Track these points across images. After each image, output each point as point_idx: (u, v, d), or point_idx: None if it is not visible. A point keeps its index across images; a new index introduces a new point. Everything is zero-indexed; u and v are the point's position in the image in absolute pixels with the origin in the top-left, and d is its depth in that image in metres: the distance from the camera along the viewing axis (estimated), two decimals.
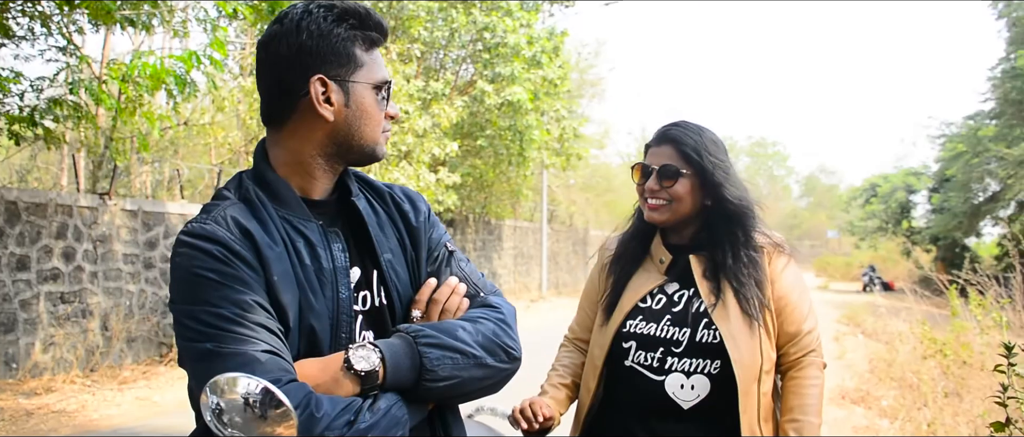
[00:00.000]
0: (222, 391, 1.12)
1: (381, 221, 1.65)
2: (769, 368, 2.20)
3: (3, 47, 8.85)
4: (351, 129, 1.52)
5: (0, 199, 8.14)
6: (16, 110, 8.18)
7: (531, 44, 16.98)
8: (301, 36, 1.47)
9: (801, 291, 2.28)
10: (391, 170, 14.34)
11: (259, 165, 1.55)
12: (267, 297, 1.38)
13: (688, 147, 2.25)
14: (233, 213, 1.44)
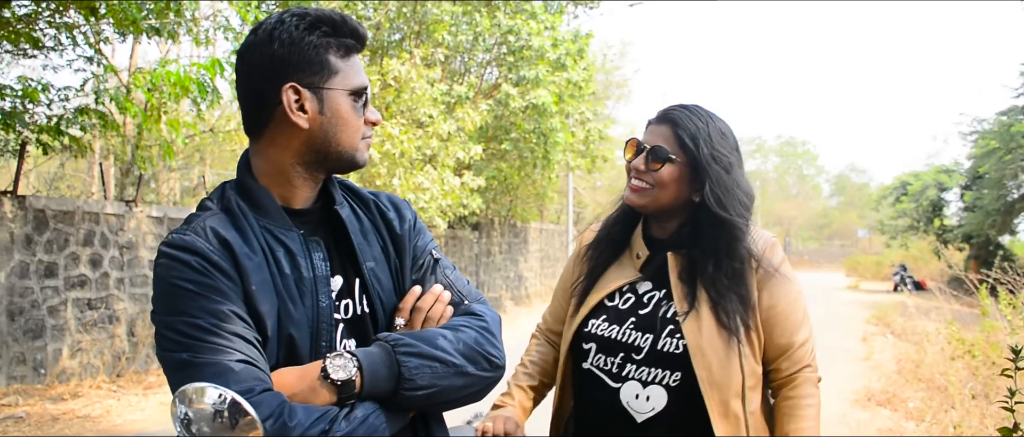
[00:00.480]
0: (190, 401, 1.13)
1: (365, 229, 1.65)
2: (754, 384, 2.01)
3: (32, 58, 9.00)
4: (328, 136, 1.51)
5: (28, 207, 8.27)
6: (44, 120, 8.31)
7: (555, 47, 16.96)
8: (273, 45, 1.47)
9: (793, 298, 2.06)
10: (415, 174, 14.39)
11: (241, 175, 1.56)
12: (245, 307, 1.39)
13: (686, 132, 2.04)
14: (213, 224, 1.45)
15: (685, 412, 1.99)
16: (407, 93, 14.92)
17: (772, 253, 2.08)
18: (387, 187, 14.05)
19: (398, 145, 13.87)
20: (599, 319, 2.11)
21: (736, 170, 2.06)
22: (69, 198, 9.27)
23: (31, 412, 7.32)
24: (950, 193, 34.85)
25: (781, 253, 2.10)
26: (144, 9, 7.73)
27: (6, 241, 8.03)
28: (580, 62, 17.75)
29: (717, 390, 1.95)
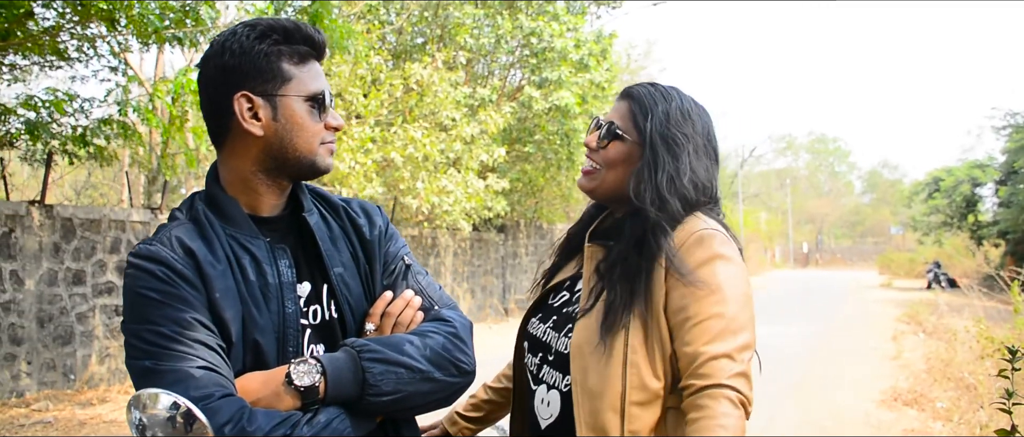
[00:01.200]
0: (144, 407, 1.15)
1: (334, 235, 1.66)
2: (644, 400, 1.69)
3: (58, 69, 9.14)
4: (284, 142, 1.53)
5: (56, 216, 8.40)
6: (69, 130, 8.44)
7: (578, 48, 16.94)
8: (224, 56, 1.50)
9: (711, 303, 1.68)
10: (439, 177, 14.44)
11: (209, 185, 1.59)
12: (209, 314, 1.41)
13: (641, 108, 1.86)
14: (178, 234, 1.48)
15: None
16: (429, 96, 14.97)
17: (695, 249, 1.73)
18: (411, 190, 14.11)
19: (421, 148, 13.92)
20: (536, 317, 1.97)
21: (688, 155, 1.84)
22: (96, 206, 9.40)
23: (59, 417, 7.43)
24: (984, 188, 34.35)
25: (713, 249, 1.73)
26: (165, 19, 7.82)
27: (35, 249, 8.16)
28: (603, 63, 17.71)
29: (588, 398, 1.72)
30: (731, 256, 1.75)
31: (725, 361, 1.63)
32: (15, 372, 7.90)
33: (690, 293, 1.69)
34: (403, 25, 17.18)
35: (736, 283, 1.72)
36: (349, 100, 14.12)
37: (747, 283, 1.76)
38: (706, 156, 1.89)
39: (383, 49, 16.33)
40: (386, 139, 14.29)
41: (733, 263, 1.74)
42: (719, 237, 1.76)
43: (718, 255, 1.73)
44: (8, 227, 7.85)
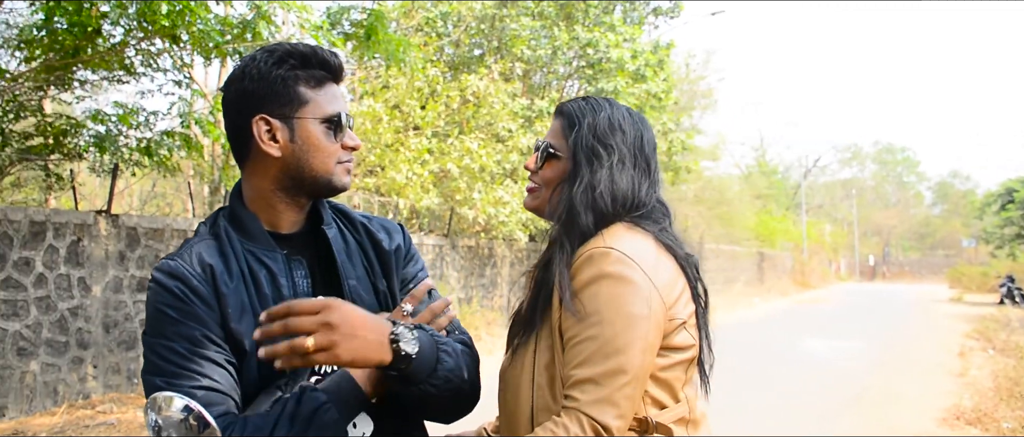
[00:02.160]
0: (160, 409, 1.23)
1: (350, 249, 1.74)
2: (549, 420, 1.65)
3: (125, 84, 9.46)
4: (301, 163, 1.60)
5: (121, 225, 8.68)
6: (135, 143, 8.73)
7: (634, 58, 16.92)
8: (244, 81, 1.59)
9: (588, 325, 1.63)
10: (495, 188, 14.53)
11: (233, 202, 1.68)
12: (222, 330, 1.51)
13: (571, 123, 1.84)
14: (199, 250, 1.58)
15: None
16: (486, 108, 15.09)
17: (583, 268, 1.68)
18: (467, 201, 14.22)
19: (478, 159, 14.04)
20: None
21: (610, 167, 1.78)
22: (159, 216, 9.69)
23: (122, 419, 7.67)
24: None
25: (600, 268, 1.66)
26: (226, 34, 8.05)
27: (101, 257, 8.44)
28: (660, 73, 17.64)
29: (507, 418, 1.77)
30: (620, 274, 1.65)
31: (589, 386, 1.59)
32: (82, 375, 8.18)
33: (573, 316, 1.65)
34: (460, 37, 17.35)
35: (618, 304, 1.63)
36: (406, 112, 14.32)
37: (641, 302, 1.64)
38: (633, 167, 1.81)
39: (440, 61, 16.53)
40: (443, 150, 14.45)
41: (621, 281, 1.64)
42: (612, 256, 1.67)
43: (604, 274, 1.65)
44: (77, 236, 8.15)
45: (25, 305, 7.60)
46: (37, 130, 9.20)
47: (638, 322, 1.62)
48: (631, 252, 1.68)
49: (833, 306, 26.69)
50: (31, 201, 11.37)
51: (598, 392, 1.58)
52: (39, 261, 7.75)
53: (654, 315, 1.65)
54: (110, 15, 7.59)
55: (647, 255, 1.70)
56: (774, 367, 11.77)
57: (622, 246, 1.69)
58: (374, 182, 13.97)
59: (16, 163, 9.22)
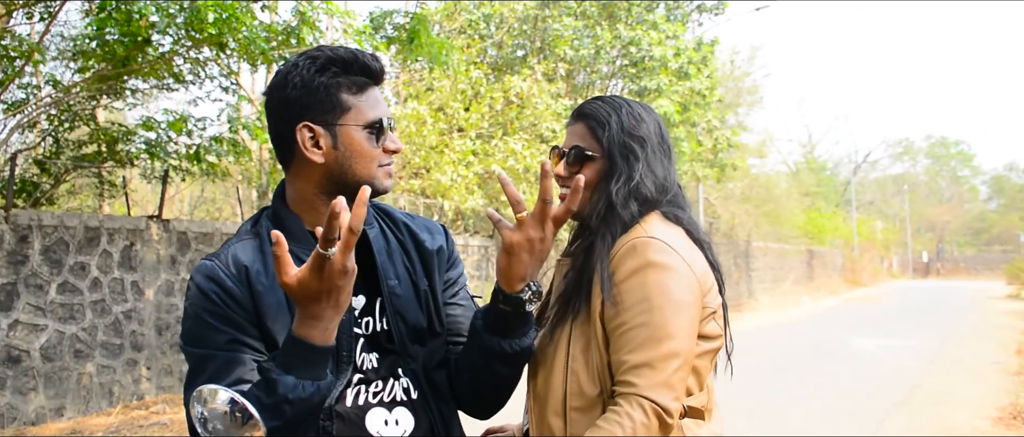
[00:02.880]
0: (205, 401, 1.27)
1: (391, 249, 1.76)
2: (584, 406, 1.76)
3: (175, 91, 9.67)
4: (343, 168, 1.62)
5: (172, 230, 8.87)
6: (184, 149, 8.92)
7: (677, 56, 16.81)
8: (287, 89, 1.60)
9: (638, 312, 1.70)
10: None
11: (276, 203, 1.71)
12: (256, 329, 1.56)
13: (598, 122, 1.89)
14: (236, 250, 1.62)
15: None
16: (529, 108, 15.11)
17: (627, 258, 1.75)
18: None
19: (522, 160, 14.06)
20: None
21: (645, 158, 1.86)
22: (208, 221, 9.87)
23: (174, 419, 7.83)
24: None
25: (645, 257, 1.74)
26: (271, 41, 8.19)
27: (153, 262, 8.63)
28: (704, 70, 17.51)
29: (537, 402, 1.82)
30: (665, 263, 1.73)
31: (645, 370, 1.65)
32: (136, 376, 8.37)
33: (621, 302, 1.72)
34: (503, 38, 17.40)
35: (666, 290, 1.71)
36: (450, 114, 14.40)
37: (685, 288, 1.73)
38: (662, 154, 1.90)
39: (483, 63, 16.58)
40: (487, 151, 14.50)
41: (666, 270, 1.72)
42: (655, 245, 1.75)
43: (649, 263, 1.72)
44: (129, 241, 8.34)
45: (81, 308, 7.81)
46: (91, 138, 9.45)
47: (685, 308, 1.71)
48: (671, 241, 1.76)
49: (885, 304, 26.24)
50: (86, 207, 11.66)
51: (655, 376, 1.65)
52: (94, 266, 7.94)
53: (696, 302, 1.74)
54: (159, 24, 7.77)
55: (684, 245, 1.79)
56: (824, 366, 11.63)
57: (662, 235, 1.77)
58: (419, 184, 14.06)
59: (71, 171, 9.47)
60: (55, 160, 9.23)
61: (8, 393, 7.12)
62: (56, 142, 9.45)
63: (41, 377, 7.38)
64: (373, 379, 1.67)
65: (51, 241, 7.56)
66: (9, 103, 9.11)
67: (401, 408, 1.68)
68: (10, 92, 8.88)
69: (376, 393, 1.67)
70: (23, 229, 7.32)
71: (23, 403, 7.23)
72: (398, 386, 1.69)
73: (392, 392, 1.68)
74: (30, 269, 7.37)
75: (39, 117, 9.15)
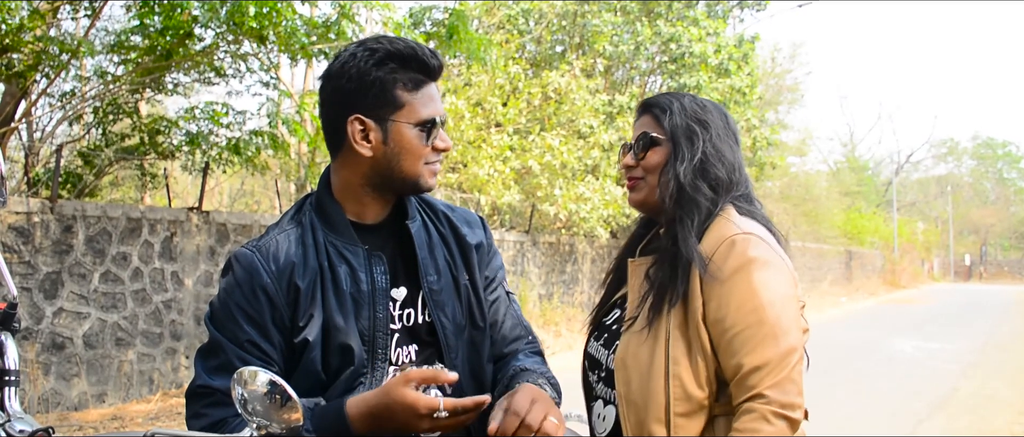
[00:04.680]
0: (245, 383, 1.29)
1: (432, 242, 1.76)
2: (689, 411, 1.71)
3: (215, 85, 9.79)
4: (391, 164, 1.63)
5: (212, 222, 8.99)
6: (224, 142, 9.03)
7: (718, 53, 16.68)
8: (342, 79, 1.60)
9: (749, 311, 1.67)
10: (576, 184, 14.52)
11: (320, 191, 1.72)
12: (285, 321, 1.60)
13: (662, 109, 1.89)
14: (280, 241, 1.65)
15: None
16: (567, 104, 15.09)
17: (727, 256, 1.72)
18: (548, 198, 14.25)
19: (559, 156, 14.05)
20: (594, 336, 2.01)
21: (710, 139, 1.85)
22: (247, 213, 9.98)
23: None
24: None
25: (745, 254, 1.71)
26: (311, 35, 8.26)
27: (193, 252, 8.75)
28: (744, 67, 17.36)
29: (634, 410, 1.76)
30: (766, 259, 1.72)
31: (768, 371, 1.63)
32: (175, 365, 8.50)
33: (728, 301, 1.69)
34: (542, 34, 17.38)
35: (773, 286, 1.70)
36: (488, 109, 14.43)
37: (788, 282, 1.73)
38: (727, 138, 1.88)
39: (522, 58, 16.58)
40: (524, 147, 14.51)
41: (769, 266, 1.71)
42: (752, 241, 1.73)
43: (751, 260, 1.70)
44: (170, 231, 8.47)
45: (123, 298, 7.94)
46: (133, 130, 9.60)
47: (791, 301, 1.72)
48: (763, 236, 1.77)
49: (924, 306, 25.84)
50: (128, 199, 11.85)
51: (779, 374, 1.63)
52: (135, 256, 8.08)
53: (796, 295, 1.75)
54: (201, 18, 7.87)
55: (771, 239, 1.80)
56: (862, 367, 11.50)
57: (754, 230, 1.77)
58: (456, 179, 14.11)
59: (114, 162, 9.63)
60: (99, 152, 9.40)
61: (52, 379, 7.27)
62: (104, 134, 9.61)
63: (83, 364, 7.53)
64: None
65: (94, 231, 7.70)
66: (56, 96, 9.29)
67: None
68: (56, 85, 9.06)
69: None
70: (67, 219, 7.47)
71: (66, 389, 7.37)
72: None
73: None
74: (74, 259, 7.51)
75: (84, 110, 9.31)
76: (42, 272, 7.23)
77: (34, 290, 7.16)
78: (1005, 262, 67.45)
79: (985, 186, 75.31)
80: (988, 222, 68.66)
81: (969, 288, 44.70)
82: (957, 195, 68.54)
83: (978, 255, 66.33)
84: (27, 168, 8.77)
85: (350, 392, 1.58)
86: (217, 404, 1.54)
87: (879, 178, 61.65)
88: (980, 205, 71.64)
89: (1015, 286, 46.19)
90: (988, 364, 12.42)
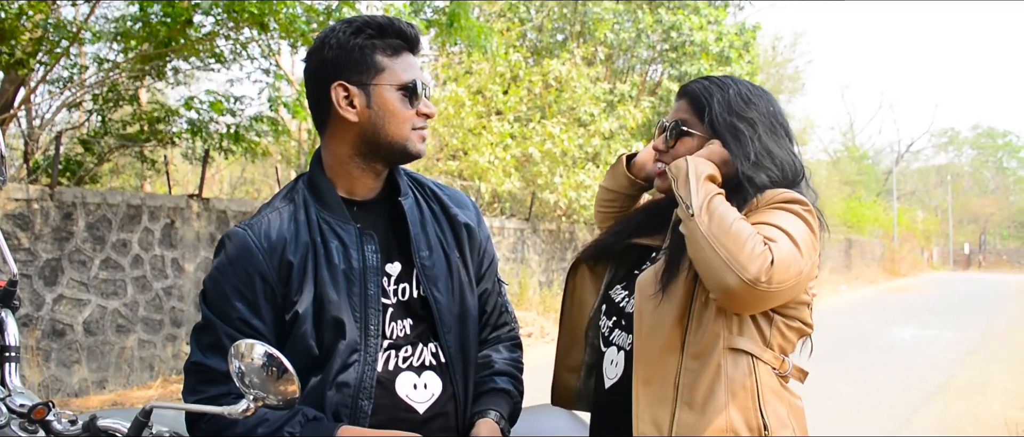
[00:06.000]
0: (243, 356, 1.31)
1: (425, 218, 1.81)
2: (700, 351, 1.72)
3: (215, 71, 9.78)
4: (376, 128, 1.67)
5: (212, 208, 8.99)
6: (225, 129, 9.03)
7: (719, 41, 16.66)
8: (324, 51, 1.67)
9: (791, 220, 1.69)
10: (577, 172, 14.53)
11: (312, 169, 1.76)
12: (277, 297, 1.63)
13: (702, 101, 1.86)
14: (271, 218, 1.69)
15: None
16: (568, 92, 15.08)
17: (775, 193, 1.74)
18: (549, 186, 14.26)
19: (559, 144, 14.05)
20: (621, 285, 1.97)
21: (757, 139, 1.80)
22: (247, 200, 9.99)
23: None
24: None
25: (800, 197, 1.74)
26: (311, 22, 8.24)
27: (193, 240, 8.76)
28: (745, 56, 17.34)
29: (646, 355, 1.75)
30: (812, 214, 1.73)
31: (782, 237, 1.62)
32: (176, 351, 8.52)
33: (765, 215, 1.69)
34: (543, 22, 17.35)
35: (807, 225, 1.69)
36: (489, 97, 14.42)
37: (817, 241, 1.72)
38: (778, 135, 1.85)
39: (522, 46, 16.56)
40: (525, 135, 14.51)
41: (811, 213, 1.72)
42: (801, 198, 1.74)
43: (801, 201, 1.73)
44: (170, 219, 8.47)
45: (123, 284, 7.96)
46: (133, 118, 9.60)
47: (815, 249, 1.70)
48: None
49: (923, 295, 25.86)
50: (128, 186, 11.85)
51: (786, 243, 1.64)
52: (136, 243, 8.08)
53: (816, 261, 1.72)
54: (201, 5, 7.85)
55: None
56: (860, 354, 11.52)
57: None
58: (457, 166, 14.12)
59: (115, 150, 9.63)
60: (99, 139, 9.40)
61: (53, 365, 7.29)
62: (103, 121, 9.61)
63: (84, 350, 7.55)
64: (403, 344, 1.72)
65: (94, 218, 7.71)
66: (55, 82, 9.28)
67: (430, 372, 1.73)
68: (55, 72, 9.04)
69: (406, 358, 1.72)
70: (67, 206, 7.47)
71: (67, 375, 7.40)
72: (427, 351, 1.74)
73: (421, 357, 1.73)
74: (74, 245, 7.52)
75: (84, 97, 9.31)
76: (42, 259, 7.24)
77: (34, 277, 7.18)
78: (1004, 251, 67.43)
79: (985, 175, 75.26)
80: (987, 211, 68.68)
81: (968, 277, 44.74)
82: (957, 184, 68.54)
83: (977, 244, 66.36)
84: (27, 155, 8.77)
85: (346, 369, 1.62)
86: (210, 381, 1.59)
87: (879, 167, 61.59)
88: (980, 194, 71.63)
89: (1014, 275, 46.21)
90: (986, 352, 12.45)
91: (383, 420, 1.63)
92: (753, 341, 1.73)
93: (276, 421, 1.54)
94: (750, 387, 1.70)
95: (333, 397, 1.62)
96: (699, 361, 1.70)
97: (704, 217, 1.61)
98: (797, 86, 33.46)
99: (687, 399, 1.68)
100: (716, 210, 1.62)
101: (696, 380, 1.69)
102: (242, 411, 1.35)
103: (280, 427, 1.53)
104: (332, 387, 1.62)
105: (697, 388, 1.68)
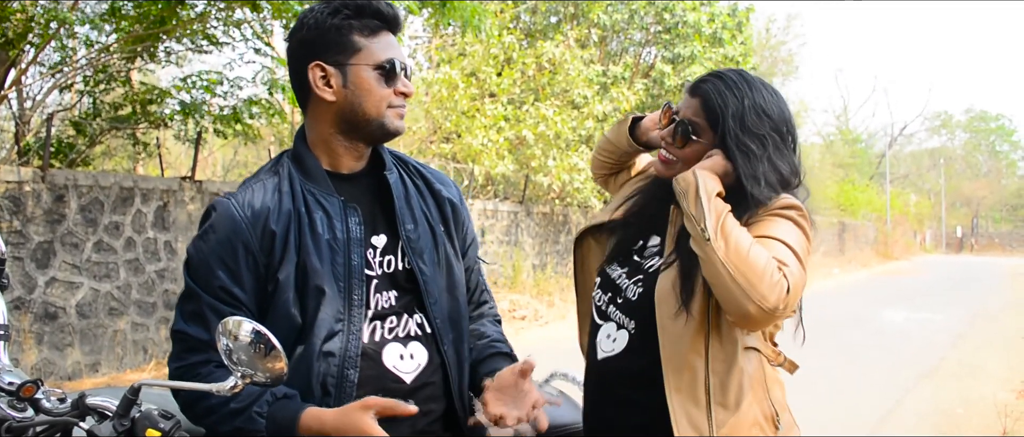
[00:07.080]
0: (230, 333, 1.31)
1: (409, 193, 1.84)
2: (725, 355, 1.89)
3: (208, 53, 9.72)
4: (354, 106, 1.69)
5: (205, 191, 8.97)
6: (218, 110, 8.99)
7: (711, 22, 16.62)
8: (302, 31, 1.70)
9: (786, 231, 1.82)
10: (570, 155, 14.52)
11: (297, 143, 1.79)
12: (260, 268, 1.65)
13: (715, 109, 1.88)
14: (255, 188, 1.71)
15: (639, 358, 1.90)
16: (562, 74, 15.04)
17: (776, 199, 1.86)
18: (542, 168, 14.25)
19: (553, 126, 14.04)
20: (618, 262, 2.05)
21: (767, 158, 1.86)
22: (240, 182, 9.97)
23: None
24: None
25: (797, 203, 1.87)
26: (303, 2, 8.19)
27: (186, 222, 8.74)
28: (738, 37, 17.30)
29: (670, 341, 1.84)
30: (807, 226, 1.86)
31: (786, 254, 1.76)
32: (168, 334, 8.52)
33: (766, 226, 1.82)
34: (536, 4, 17.28)
35: (804, 233, 1.84)
36: (482, 79, 14.39)
37: (809, 246, 1.86)
38: (785, 148, 1.92)
39: (516, 28, 16.50)
40: (518, 117, 14.48)
41: (807, 228, 1.86)
42: (799, 204, 1.89)
43: (799, 206, 1.87)
44: (163, 201, 8.45)
45: (115, 267, 7.94)
46: (126, 100, 9.54)
47: (807, 255, 1.83)
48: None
49: (916, 278, 25.96)
50: (120, 168, 11.81)
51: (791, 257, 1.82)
52: (128, 225, 8.06)
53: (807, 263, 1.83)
54: None
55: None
56: (852, 337, 11.56)
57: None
58: (450, 148, 14.10)
59: (106, 132, 9.58)
60: (91, 121, 9.35)
61: (45, 348, 7.27)
62: (94, 103, 9.56)
63: (77, 333, 7.54)
64: (388, 315, 1.74)
65: (86, 201, 7.68)
66: (46, 65, 9.22)
67: (415, 343, 1.76)
68: (46, 54, 8.98)
69: (391, 328, 1.74)
70: (59, 189, 7.44)
71: (60, 358, 7.39)
72: (412, 322, 1.77)
73: (407, 327, 1.76)
74: (66, 228, 7.49)
75: (75, 79, 9.25)
76: (34, 241, 7.22)
77: (26, 260, 7.15)
78: (996, 234, 67.62)
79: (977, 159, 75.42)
80: (980, 195, 68.84)
81: (960, 260, 44.91)
82: (950, 168, 68.65)
83: (970, 227, 66.51)
84: (17, 137, 8.72)
85: (330, 339, 1.65)
86: (192, 349, 1.63)
87: (872, 150, 61.68)
88: (972, 178, 71.80)
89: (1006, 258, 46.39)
90: (977, 334, 12.51)
91: (371, 390, 1.64)
92: (759, 338, 1.94)
93: (247, 398, 1.56)
94: (760, 378, 1.89)
95: (319, 367, 1.64)
96: (724, 364, 1.83)
97: (720, 243, 1.69)
98: (791, 69, 33.50)
99: (719, 400, 1.81)
100: (731, 234, 1.71)
101: (723, 382, 1.82)
102: (230, 388, 1.36)
103: (249, 405, 1.56)
104: (318, 357, 1.64)
105: (726, 389, 1.82)
